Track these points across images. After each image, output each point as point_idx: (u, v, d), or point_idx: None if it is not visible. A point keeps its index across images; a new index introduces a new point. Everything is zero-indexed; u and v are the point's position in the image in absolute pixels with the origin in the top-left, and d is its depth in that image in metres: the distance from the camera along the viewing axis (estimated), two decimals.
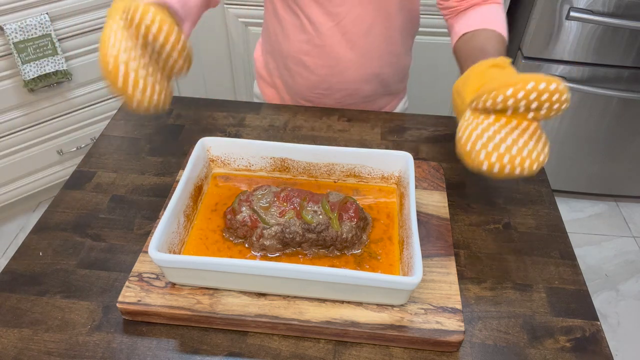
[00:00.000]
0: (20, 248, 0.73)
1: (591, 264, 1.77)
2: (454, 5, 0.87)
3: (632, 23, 1.48)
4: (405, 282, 0.57)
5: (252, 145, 0.76)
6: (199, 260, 0.59)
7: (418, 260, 0.58)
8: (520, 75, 0.57)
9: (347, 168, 0.75)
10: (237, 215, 0.67)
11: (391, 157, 0.74)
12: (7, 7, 1.49)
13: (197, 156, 0.73)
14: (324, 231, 0.65)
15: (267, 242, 0.65)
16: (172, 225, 0.64)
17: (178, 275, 0.61)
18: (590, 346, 0.61)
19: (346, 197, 0.68)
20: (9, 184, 1.78)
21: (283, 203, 0.67)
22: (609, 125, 1.74)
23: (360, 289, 0.59)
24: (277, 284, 0.60)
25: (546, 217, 0.77)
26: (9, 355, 0.60)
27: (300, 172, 0.77)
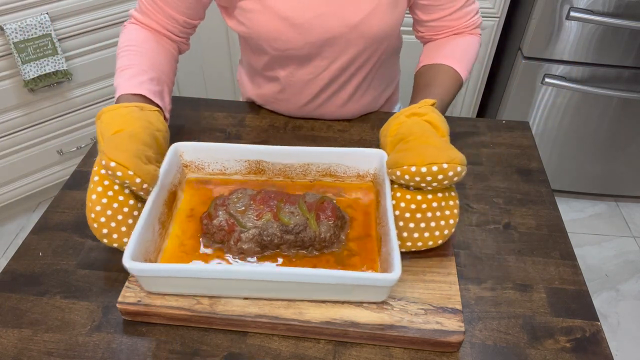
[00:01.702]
0: (20, 248, 0.73)
1: (591, 264, 1.77)
2: (428, 37, 0.88)
3: (632, 23, 1.48)
4: (384, 278, 0.57)
5: (225, 149, 0.75)
6: (174, 267, 0.58)
7: (396, 256, 0.57)
8: (419, 150, 0.62)
9: (322, 168, 0.74)
10: (214, 220, 0.65)
11: (365, 155, 0.73)
12: (7, 7, 1.48)
13: (170, 162, 0.72)
14: (302, 232, 0.64)
15: (245, 246, 0.64)
16: (147, 233, 0.62)
17: (155, 284, 0.61)
18: (590, 346, 0.61)
19: (323, 197, 0.68)
20: (9, 184, 1.78)
21: (260, 205, 0.66)
22: (609, 125, 1.74)
23: (340, 288, 0.59)
24: (255, 287, 0.60)
25: (546, 217, 0.77)
26: (9, 355, 0.60)
27: (276, 174, 0.76)
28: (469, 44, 0.86)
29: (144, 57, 0.81)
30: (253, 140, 0.92)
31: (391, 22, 0.82)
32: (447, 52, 0.83)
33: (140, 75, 0.78)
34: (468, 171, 0.85)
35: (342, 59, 0.85)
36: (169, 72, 0.85)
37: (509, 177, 0.85)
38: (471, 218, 0.77)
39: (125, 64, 0.80)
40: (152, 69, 0.80)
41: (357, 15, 0.79)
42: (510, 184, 0.83)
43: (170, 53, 0.87)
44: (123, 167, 0.61)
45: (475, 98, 1.91)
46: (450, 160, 0.60)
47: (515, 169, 0.86)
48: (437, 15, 0.84)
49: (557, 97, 1.69)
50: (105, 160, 0.61)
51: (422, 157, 0.61)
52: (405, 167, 0.61)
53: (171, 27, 0.86)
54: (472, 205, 0.79)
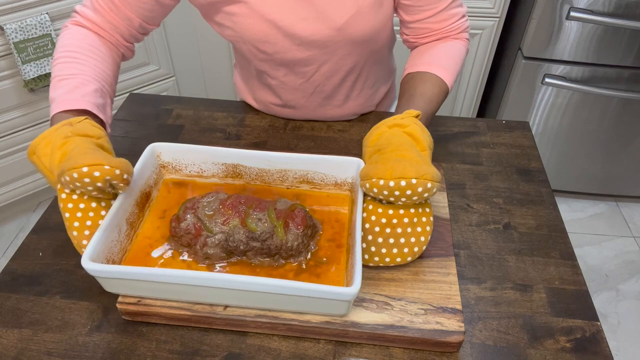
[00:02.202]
0: (20, 248, 0.73)
1: (591, 264, 1.77)
2: (412, 41, 0.86)
3: (632, 23, 1.48)
4: (341, 292, 0.55)
5: (201, 151, 0.73)
6: (127, 270, 0.57)
7: (358, 270, 0.55)
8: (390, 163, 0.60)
9: (299, 174, 0.73)
10: (181, 223, 0.64)
11: (342, 163, 0.71)
12: (7, 7, 1.48)
13: (145, 162, 0.70)
14: (268, 239, 0.63)
15: (210, 251, 0.63)
16: (111, 234, 0.61)
17: (113, 286, 0.60)
18: (590, 346, 0.61)
19: (294, 205, 0.66)
20: (9, 184, 1.77)
21: (228, 210, 0.64)
22: (609, 125, 1.74)
23: (299, 300, 0.57)
24: (212, 294, 0.59)
25: (546, 217, 0.77)
26: (9, 355, 0.60)
27: (254, 179, 0.74)
28: (455, 50, 0.83)
29: (87, 65, 0.75)
30: (253, 140, 0.92)
31: (376, 23, 0.81)
32: (432, 58, 0.81)
33: (83, 87, 0.72)
34: (468, 171, 0.85)
35: (332, 61, 0.85)
36: (112, 82, 0.80)
37: (509, 177, 0.85)
38: (471, 218, 0.77)
39: (65, 72, 0.73)
40: (96, 80, 0.74)
41: (340, 18, 0.78)
42: (510, 184, 0.83)
43: (115, 62, 0.82)
44: (97, 165, 0.58)
45: (475, 98, 1.91)
46: (419, 176, 0.58)
47: (515, 169, 0.86)
48: (420, 16, 0.81)
49: (557, 97, 1.69)
50: (76, 172, 0.58)
51: (391, 171, 0.59)
52: (374, 180, 0.60)
53: (123, 30, 0.82)
54: (472, 205, 0.79)
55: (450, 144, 0.91)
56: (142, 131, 0.94)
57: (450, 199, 0.80)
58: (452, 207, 0.78)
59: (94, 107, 0.71)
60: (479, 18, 1.68)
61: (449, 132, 0.94)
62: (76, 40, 0.77)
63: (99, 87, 0.74)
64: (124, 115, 0.99)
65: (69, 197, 0.62)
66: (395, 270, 0.66)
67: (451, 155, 0.89)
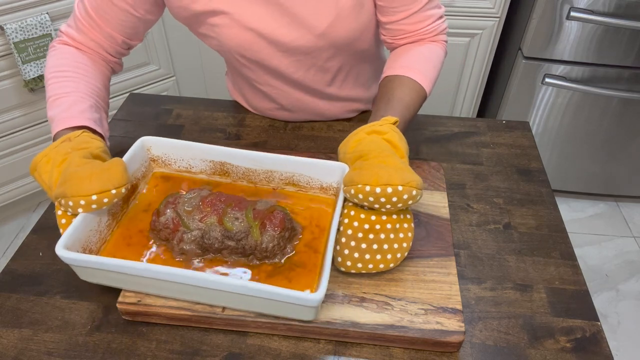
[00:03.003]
0: (20, 248, 0.73)
1: (591, 264, 1.77)
2: (390, 42, 0.85)
3: (632, 23, 1.48)
4: (305, 298, 0.54)
5: (188, 147, 0.74)
6: (97, 260, 0.58)
7: (325, 276, 0.55)
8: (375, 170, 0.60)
9: (285, 176, 0.73)
10: (161, 217, 0.65)
11: (327, 167, 0.70)
12: (7, 7, 1.48)
13: (133, 155, 0.71)
14: (243, 239, 0.63)
15: (186, 247, 0.64)
16: (90, 223, 0.62)
17: (86, 274, 0.61)
18: (590, 346, 0.61)
19: (274, 206, 0.66)
20: (9, 184, 1.77)
21: (207, 208, 0.64)
22: (609, 125, 1.74)
23: (264, 302, 0.57)
24: (179, 289, 0.59)
25: (546, 217, 0.77)
26: (9, 355, 0.60)
27: (240, 177, 0.74)
28: (432, 53, 0.82)
29: (80, 82, 0.77)
30: (253, 140, 0.92)
31: (357, 26, 0.80)
32: (409, 62, 0.80)
33: (79, 104, 0.74)
34: (468, 171, 0.85)
35: (317, 65, 0.85)
36: (105, 96, 0.82)
37: (509, 177, 0.85)
38: (471, 218, 0.77)
39: (60, 91, 0.75)
40: (90, 96, 0.76)
41: (321, 24, 0.78)
42: (510, 184, 0.83)
43: (105, 76, 0.84)
44: (105, 193, 0.60)
45: (475, 98, 1.91)
46: (405, 183, 0.58)
47: (515, 169, 0.86)
48: (394, 18, 0.80)
49: (557, 97, 1.69)
50: (84, 199, 0.59)
51: (377, 177, 0.59)
52: (359, 186, 0.60)
53: (108, 47, 0.83)
54: (472, 205, 0.79)
55: (450, 144, 0.91)
56: (142, 131, 0.94)
57: (450, 199, 0.80)
58: (452, 207, 0.78)
59: (91, 122, 0.72)
60: (479, 18, 1.68)
61: (449, 132, 0.94)
62: (65, 60, 0.79)
63: (94, 102, 0.76)
64: (123, 115, 0.99)
65: (64, 214, 0.63)
66: (396, 270, 0.66)
67: (451, 155, 0.89)
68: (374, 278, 0.65)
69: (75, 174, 0.61)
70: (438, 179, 0.79)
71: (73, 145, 0.66)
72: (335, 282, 0.64)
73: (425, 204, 0.75)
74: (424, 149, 0.90)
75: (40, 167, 0.66)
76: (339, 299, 0.62)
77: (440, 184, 0.78)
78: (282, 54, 0.82)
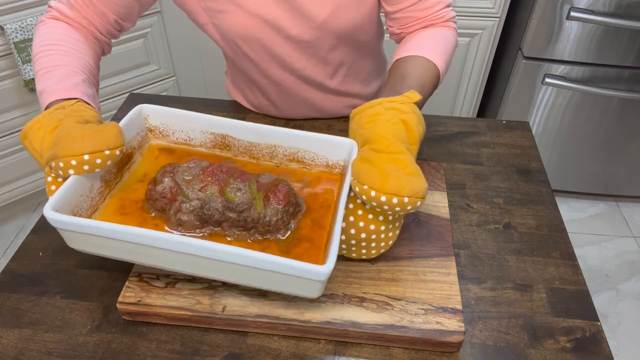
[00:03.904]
0: (20, 248, 0.73)
1: (591, 264, 1.77)
2: (398, 32, 0.83)
3: (632, 23, 1.48)
4: (312, 270, 0.50)
5: (189, 117, 0.70)
6: (88, 223, 0.54)
7: (333, 249, 0.52)
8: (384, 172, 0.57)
9: (289, 152, 0.69)
10: (158, 186, 0.61)
11: (336, 143, 0.67)
12: (7, 7, 1.48)
13: (130, 122, 0.67)
14: (245, 211, 0.60)
15: (184, 217, 0.60)
16: (81, 187, 0.59)
17: (76, 241, 0.57)
18: (590, 346, 0.61)
19: (278, 180, 0.62)
20: (9, 184, 1.77)
21: (207, 177, 0.61)
22: (609, 125, 1.74)
23: (267, 275, 0.53)
24: (177, 259, 0.55)
25: (546, 217, 0.77)
26: (9, 355, 0.60)
27: (242, 152, 0.70)
28: (442, 36, 0.80)
29: (72, 57, 0.73)
30: None
31: (358, 15, 0.80)
32: (420, 43, 0.78)
33: (72, 77, 0.70)
34: (468, 171, 0.85)
35: (319, 56, 0.85)
36: (97, 74, 0.78)
37: (509, 177, 0.85)
38: (471, 218, 0.77)
39: (51, 64, 0.71)
40: (83, 71, 0.73)
41: (321, 12, 0.78)
42: (510, 184, 0.83)
43: (97, 54, 0.80)
44: (98, 153, 0.57)
45: (475, 98, 1.91)
46: (413, 194, 0.56)
47: (515, 169, 0.86)
48: (401, 5, 0.79)
49: (557, 97, 1.69)
50: (75, 159, 0.56)
51: (384, 183, 0.56)
52: (365, 188, 0.57)
53: (99, 25, 0.80)
54: (472, 205, 0.79)
55: (450, 144, 0.91)
56: None
57: (450, 199, 0.80)
58: (452, 207, 0.78)
59: (85, 96, 0.69)
60: (479, 18, 1.68)
61: (449, 132, 0.94)
62: (56, 34, 0.76)
63: (86, 77, 0.73)
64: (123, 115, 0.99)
65: (55, 180, 0.60)
66: (396, 270, 0.66)
67: (451, 155, 0.89)
68: (374, 278, 0.65)
69: (67, 135, 0.58)
70: (438, 179, 0.79)
71: (67, 112, 0.63)
72: (335, 282, 0.64)
73: (425, 204, 0.75)
74: (424, 149, 0.90)
75: (31, 134, 0.62)
76: (339, 299, 0.62)
77: (440, 184, 0.78)
78: (285, 41, 0.82)
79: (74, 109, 0.64)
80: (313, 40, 0.82)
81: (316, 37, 0.81)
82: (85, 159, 0.57)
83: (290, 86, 0.90)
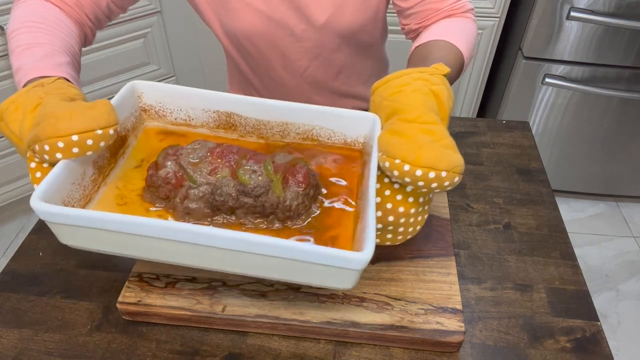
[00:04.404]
0: (20, 248, 0.73)
1: (591, 264, 1.77)
2: (416, 28, 0.80)
3: (632, 23, 1.48)
4: (350, 258, 0.45)
5: (191, 95, 0.63)
6: (87, 215, 0.47)
7: (370, 234, 0.46)
8: (417, 143, 0.51)
9: (303, 129, 0.63)
10: (160, 171, 0.55)
11: (355, 118, 0.61)
12: (7, 7, 1.48)
13: (122, 101, 0.60)
14: (262, 195, 0.54)
15: (192, 205, 0.54)
16: (72, 174, 0.52)
17: (69, 235, 0.50)
18: (590, 346, 0.61)
19: (295, 159, 0.57)
20: (9, 183, 1.77)
21: (217, 159, 0.55)
22: (609, 125, 1.74)
23: (297, 266, 0.47)
24: (190, 252, 0.49)
25: (546, 217, 0.77)
26: (9, 355, 0.60)
27: (249, 132, 0.64)
28: (463, 24, 0.76)
29: (55, 37, 0.65)
30: None
31: (362, 16, 0.79)
32: (441, 30, 0.74)
33: (56, 56, 0.62)
34: (468, 171, 0.85)
35: (323, 56, 0.85)
36: (79, 59, 0.70)
37: (509, 177, 0.85)
38: (471, 218, 0.77)
39: (32, 41, 0.63)
40: (67, 52, 0.65)
41: (325, 12, 0.78)
42: (510, 184, 0.83)
43: (81, 39, 0.73)
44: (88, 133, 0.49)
45: (475, 98, 1.91)
46: (450, 168, 0.50)
47: (515, 169, 0.86)
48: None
49: (557, 97, 1.69)
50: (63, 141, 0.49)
51: (418, 155, 0.50)
52: (397, 162, 0.50)
53: (89, 9, 0.74)
54: (472, 205, 0.79)
55: None
56: None
57: (450, 199, 0.80)
58: (452, 207, 0.78)
59: (70, 77, 0.61)
60: (479, 18, 1.68)
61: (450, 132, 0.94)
62: (38, 12, 0.68)
63: (70, 60, 0.65)
64: None
65: (39, 166, 0.53)
66: (396, 270, 0.66)
67: None
68: (374, 278, 0.65)
69: (52, 114, 0.50)
70: None
71: (47, 90, 0.55)
72: None
73: None
74: None
75: (7, 116, 0.54)
76: (339, 299, 0.62)
77: None
78: (289, 40, 0.82)
79: (54, 86, 0.56)
80: (317, 40, 0.82)
81: (320, 37, 0.82)
82: (74, 140, 0.49)
83: (292, 86, 0.90)
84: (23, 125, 0.53)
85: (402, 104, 0.55)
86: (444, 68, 0.60)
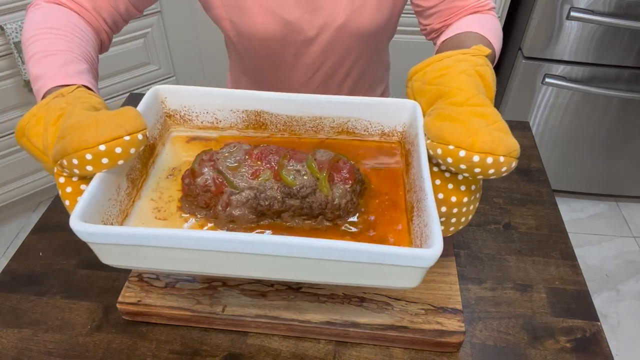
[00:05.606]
0: (20, 248, 0.73)
1: (591, 264, 1.77)
2: (439, 27, 0.79)
3: (632, 23, 1.48)
4: (420, 255, 0.43)
5: (217, 96, 0.61)
6: (133, 232, 0.45)
7: (436, 228, 0.44)
8: (470, 126, 0.47)
9: (338, 123, 0.61)
10: (198, 179, 0.53)
11: (393, 106, 0.59)
12: (7, 7, 1.48)
13: (147, 109, 0.58)
14: (309, 195, 0.51)
15: (236, 212, 0.52)
16: (107, 191, 0.49)
17: (114, 255, 0.47)
18: (590, 346, 0.61)
19: (337, 156, 0.55)
20: (9, 184, 1.77)
21: (256, 162, 0.53)
22: (609, 125, 1.74)
23: (359, 268, 0.45)
24: (247, 263, 0.46)
25: (546, 217, 0.77)
26: (9, 355, 0.60)
27: (280, 130, 0.62)
28: (489, 19, 0.75)
29: (74, 43, 0.63)
30: None
31: (379, 17, 0.79)
32: (468, 23, 0.71)
33: (76, 64, 0.61)
34: None
35: (334, 58, 0.85)
36: (97, 67, 0.69)
37: (509, 177, 0.85)
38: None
39: (51, 48, 0.61)
40: (85, 60, 0.63)
41: (343, 12, 0.78)
42: (510, 184, 0.83)
43: (98, 46, 0.72)
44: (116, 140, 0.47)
45: None
46: (508, 153, 0.46)
47: (515, 169, 0.86)
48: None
49: (558, 97, 1.69)
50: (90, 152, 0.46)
51: (474, 140, 0.46)
52: (451, 148, 0.47)
53: (106, 14, 0.72)
54: None
55: None
56: None
57: None
58: None
59: (90, 85, 0.59)
60: None
61: None
62: (56, 18, 0.66)
63: (89, 67, 0.63)
64: None
65: (69, 181, 0.50)
66: None
67: None
68: None
69: (77, 125, 0.47)
70: None
71: (68, 100, 0.52)
72: None
73: None
74: None
75: (29, 130, 0.51)
76: (339, 299, 0.62)
77: None
78: (302, 43, 0.82)
79: (75, 95, 0.54)
80: (331, 42, 0.82)
81: (334, 39, 0.81)
82: (101, 150, 0.46)
83: (299, 88, 0.90)
84: (46, 138, 0.50)
85: (449, 87, 0.52)
86: (485, 49, 0.57)
